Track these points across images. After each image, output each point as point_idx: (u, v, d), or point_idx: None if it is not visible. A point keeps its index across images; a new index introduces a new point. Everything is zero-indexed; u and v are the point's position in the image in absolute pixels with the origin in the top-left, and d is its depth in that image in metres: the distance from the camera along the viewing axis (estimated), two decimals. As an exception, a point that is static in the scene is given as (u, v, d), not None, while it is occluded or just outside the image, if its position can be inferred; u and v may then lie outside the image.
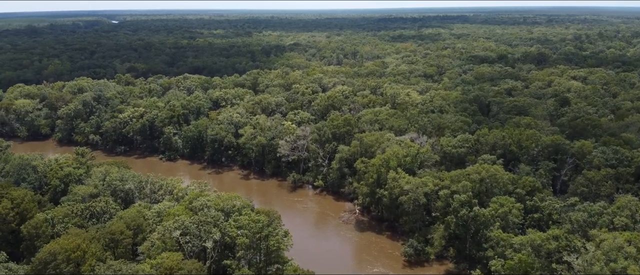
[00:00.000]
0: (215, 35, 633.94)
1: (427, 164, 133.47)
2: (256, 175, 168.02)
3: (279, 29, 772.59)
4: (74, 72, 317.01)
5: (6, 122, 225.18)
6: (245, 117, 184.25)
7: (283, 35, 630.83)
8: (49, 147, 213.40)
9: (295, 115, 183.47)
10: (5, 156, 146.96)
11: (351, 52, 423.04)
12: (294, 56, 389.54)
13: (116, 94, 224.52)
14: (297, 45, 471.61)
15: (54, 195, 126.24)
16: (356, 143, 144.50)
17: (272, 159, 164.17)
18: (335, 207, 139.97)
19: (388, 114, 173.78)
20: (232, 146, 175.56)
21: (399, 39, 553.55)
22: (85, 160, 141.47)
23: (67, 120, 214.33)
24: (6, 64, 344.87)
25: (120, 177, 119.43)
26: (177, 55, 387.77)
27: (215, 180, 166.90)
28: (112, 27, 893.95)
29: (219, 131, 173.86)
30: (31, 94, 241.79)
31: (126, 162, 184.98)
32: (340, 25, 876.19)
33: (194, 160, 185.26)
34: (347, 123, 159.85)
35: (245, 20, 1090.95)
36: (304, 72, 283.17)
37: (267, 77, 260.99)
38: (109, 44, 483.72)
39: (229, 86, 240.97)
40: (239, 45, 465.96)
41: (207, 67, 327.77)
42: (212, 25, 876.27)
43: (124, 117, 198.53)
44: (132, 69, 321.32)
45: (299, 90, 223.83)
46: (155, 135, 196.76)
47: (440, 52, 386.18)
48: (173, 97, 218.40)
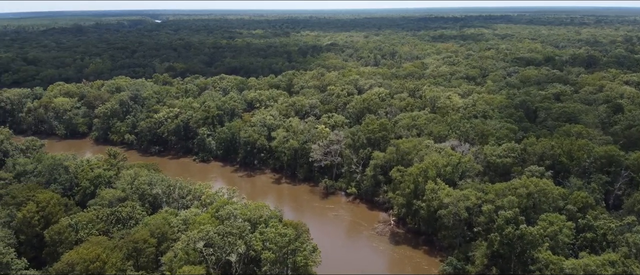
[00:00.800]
0: (254, 35, 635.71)
1: (469, 174, 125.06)
2: (288, 179, 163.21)
3: (316, 29, 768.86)
4: (114, 70, 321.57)
5: (45, 120, 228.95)
6: (278, 119, 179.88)
7: (320, 35, 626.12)
8: (86, 145, 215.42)
9: (329, 118, 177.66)
10: (38, 155, 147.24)
11: (389, 52, 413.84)
12: (330, 57, 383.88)
13: (152, 93, 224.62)
14: (334, 46, 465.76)
15: (84, 196, 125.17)
16: (392, 149, 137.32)
17: (305, 163, 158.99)
18: (369, 217, 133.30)
19: (427, 118, 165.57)
20: (265, 149, 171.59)
21: (439, 39, 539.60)
22: (116, 162, 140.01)
23: (103, 119, 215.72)
24: (49, 62, 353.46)
25: (148, 181, 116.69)
26: (216, 55, 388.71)
27: (247, 184, 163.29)
28: (154, 26, 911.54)
29: (251, 134, 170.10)
30: (70, 92, 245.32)
31: (159, 163, 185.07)
32: (378, 24, 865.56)
33: (227, 162, 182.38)
34: (383, 128, 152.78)
35: (284, 20, 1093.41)
36: (340, 73, 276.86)
37: (302, 78, 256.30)
38: (150, 43, 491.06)
39: (264, 87, 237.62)
40: (276, 45, 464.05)
41: (244, 68, 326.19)
42: (252, 25, 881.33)
43: (159, 117, 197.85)
44: (171, 68, 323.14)
45: (334, 92, 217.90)
46: (189, 136, 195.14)
47: (483, 53, 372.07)
48: (208, 98, 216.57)
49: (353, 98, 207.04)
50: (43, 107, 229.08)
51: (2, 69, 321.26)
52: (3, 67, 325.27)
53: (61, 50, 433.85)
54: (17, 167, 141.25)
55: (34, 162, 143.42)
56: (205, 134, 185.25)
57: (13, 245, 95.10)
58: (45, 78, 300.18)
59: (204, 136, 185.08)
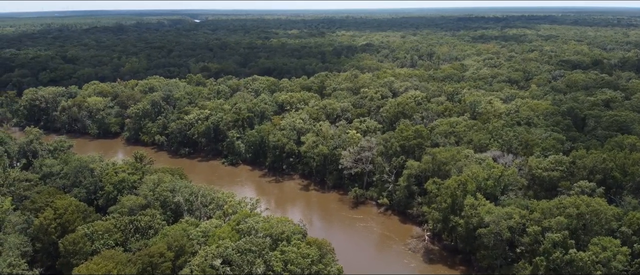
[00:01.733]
0: (289, 35, 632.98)
1: (511, 188, 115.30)
2: (316, 186, 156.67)
3: (352, 29, 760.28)
4: (149, 70, 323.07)
5: (79, 119, 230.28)
6: (308, 123, 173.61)
7: (356, 35, 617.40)
8: (117, 146, 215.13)
9: (361, 123, 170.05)
10: (65, 157, 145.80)
11: (427, 53, 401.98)
12: (365, 57, 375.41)
13: (184, 94, 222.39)
14: (370, 46, 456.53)
15: (107, 201, 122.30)
16: (428, 159, 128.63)
17: (334, 170, 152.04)
18: (401, 230, 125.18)
19: (466, 125, 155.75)
20: (294, 154, 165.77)
21: (480, 39, 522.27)
22: (141, 166, 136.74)
23: (135, 119, 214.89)
24: (87, 61, 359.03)
25: (171, 188, 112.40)
26: (250, 56, 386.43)
27: (274, 189, 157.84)
28: (193, 26, 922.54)
29: (280, 138, 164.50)
30: (104, 91, 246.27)
31: (189, 165, 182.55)
32: (416, 24, 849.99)
33: (256, 166, 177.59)
34: (418, 135, 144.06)
35: (320, 20, 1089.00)
36: (374, 74, 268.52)
37: (335, 80, 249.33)
38: (187, 42, 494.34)
39: (296, 89, 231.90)
40: (310, 45, 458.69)
41: (277, 68, 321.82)
42: (288, 25, 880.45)
43: (190, 118, 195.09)
44: (205, 68, 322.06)
45: (367, 95, 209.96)
46: (219, 139, 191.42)
47: (526, 55, 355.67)
48: (240, 99, 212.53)
49: (387, 101, 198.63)
50: (76, 106, 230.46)
51: (41, 67, 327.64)
52: (41, 65, 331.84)
53: (100, 49, 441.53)
54: (44, 168, 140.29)
55: (60, 164, 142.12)
56: (234, 136, 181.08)
57: (28, 254, 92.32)
58: (82, 77, 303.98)
59: (233, 139, 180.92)
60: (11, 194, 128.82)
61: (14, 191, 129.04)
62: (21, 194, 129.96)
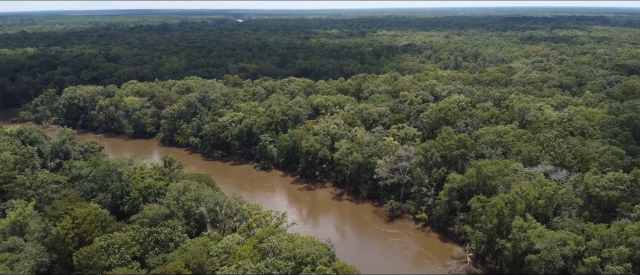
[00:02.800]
0: (329, 35, 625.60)
1: (565, 208, 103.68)
2: (350, 196, 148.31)
3: (394, 29, 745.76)
4: (189, 70, 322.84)
5: (115, 119, 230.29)
6: (342, 128, 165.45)
7: (397, 35, 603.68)
8: (152, 146, 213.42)
9: (399, 129, 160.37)
10: (95, 159, 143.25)
11: (472, 54, 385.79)
12: (406, 58, 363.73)
13: (220, 95, 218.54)
14: (411, 46, 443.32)
15: (132, 207, 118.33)
16: (472, 172, 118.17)
17: (369, 179, 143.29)
18: (441, 250, 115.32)
19: (515, 135, 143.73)
20: (327, 160, 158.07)
21: (528, 40, 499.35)
22: (169, 171, 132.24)
23: (170, 120, 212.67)
24: (129, 60, 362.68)
25: (196, 197, 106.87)
26: (288, 56, 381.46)
27: (306, 197, 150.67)
28: (235, 25, 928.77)
29: (313, 143, 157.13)
30: (141, 91, 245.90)
31: (221, 168, 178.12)
32: (461, 24, 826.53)
33: (288, 172, 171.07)
34: (462, 144, 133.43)
35: (362, 19, 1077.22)
36: (415, 77, 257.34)
37: (373, 82, 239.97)
38: (228, 42, 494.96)
39: (332, 91, 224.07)
40: (349, 46, 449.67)
41: (315, 69, 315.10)
42: (328, 25, 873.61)
43: (224, 121, 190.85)
44: (243, 69, 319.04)
45: (407, 99, 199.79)
46: (252, 142, 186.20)
47: (578, 58, 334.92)
48: (275, 102, 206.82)
49: (428, 106, 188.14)
50: (114, 106, 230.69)
51: (83, 65, 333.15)
52: (84, 63, 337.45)
53: (143, 48, 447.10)
54: (73, 170, 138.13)
55: (90, 166, 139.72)
56: (267, 140, 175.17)
57: (45, 264, 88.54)
58: (122, 75, 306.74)
59: (266, 143, 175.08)
60: (38, 196, 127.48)
61: (42, 193, 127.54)
62: (49, 196, 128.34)
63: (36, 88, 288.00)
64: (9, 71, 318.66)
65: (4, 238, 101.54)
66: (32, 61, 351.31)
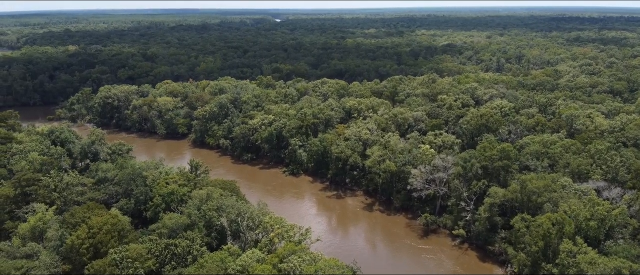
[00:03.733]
0: (366, 35, 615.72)
1: (618, 230, 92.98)
2: (382, 206, 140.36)
3: (433, 28, 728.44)
4: (223, 70, 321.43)
5: (148, 119, 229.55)
6: (375, 134, 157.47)
7: (437, 35, 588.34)
8: (183, 147, 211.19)
9: (436, 136, 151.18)
10: (121, 162, 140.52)
11: (515, 55, 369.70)
12: (445, 59, 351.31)
13: (251, 97, 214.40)
14: (451, 47, 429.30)
15: (155, 214, 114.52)
16: (516, 187, 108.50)
17: (402, 189, 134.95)
18: (478, 270, 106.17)
19: (563, 145, 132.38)
20: (358, 167, 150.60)
21: (575, 41, 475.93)
22: (194, 176, 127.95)
23: (202, 121, 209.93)
24: (165, 59, 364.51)
25: (218, 206, 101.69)
26: (323, 57, 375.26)
27: (335, 206, 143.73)
28: (273, 25, 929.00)
29: (343, 149, 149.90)
30: (175, 91, 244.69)
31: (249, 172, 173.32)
32: (503, 23, 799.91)
33: (317, 178, 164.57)
34: (505, 155, 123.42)
35: (400, 18, 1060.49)
36: (455, 79, 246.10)
37: (409, 84, 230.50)
38: (264, 42, 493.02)
39: (366, 93, 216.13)
40: (386, 46, 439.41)
41: (350, 70, 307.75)
42: (366, 24, 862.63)
43: (254, 123, 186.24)
44: (277, 70, 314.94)
45: (446, 103, 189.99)
46: (282, 145, 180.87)
47: (629, 61, 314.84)
48: (306, 104, 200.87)
49: (468, 111, 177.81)
50: (147, 106, 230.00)
51: (120, 64, 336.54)
52: (121, 62, 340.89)
53: (181, 47, 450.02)
54: (100, 173, 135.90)
55: (116, 169, 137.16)
56: (296, 145, 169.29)
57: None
58: (158, 75, 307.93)
59: (295, 147, 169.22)
60: (63, 199, 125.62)
61: (66, 196, 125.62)
62: (73, 199, 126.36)
63: (74, 86, 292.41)
64: (49, 69, 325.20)
65: (23, 243, 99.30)
66: (72, 59, 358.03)
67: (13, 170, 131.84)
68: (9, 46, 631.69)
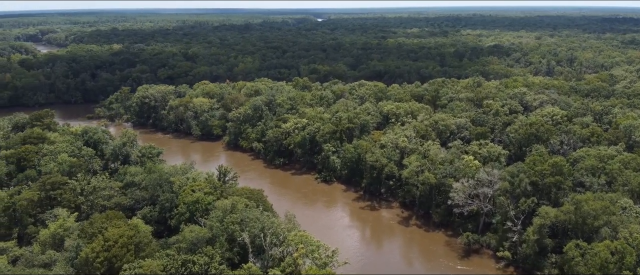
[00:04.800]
0: (408, 34, 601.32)
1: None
2: (419, 220, 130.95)
3: (479, 28, 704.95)
4: (261, 71, 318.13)
5: (184, 119, 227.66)
6: (413, 142, 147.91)
7: (483, 35, 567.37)
8: (217, 149, 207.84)
9: (480, 146, 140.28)
10: (150, 166, 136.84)
11: (566, 58, 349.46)
12: (491, 61, 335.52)
13: (286, 100, 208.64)
14: (498, 48, 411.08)
15: (179, 223, 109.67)
16: (569, 208, 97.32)
17: (442, 203, 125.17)
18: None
19: (622, 161, 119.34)
20: (394, 176, 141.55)
21: (630, 44, 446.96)
22: (221, 184, 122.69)
23: (236, 123, 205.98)
24: (205, 59, 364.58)
25: (241, 219, 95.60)
26: (362, 57, 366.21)
27: (368, 217, 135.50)
28: (314, 25, 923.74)
29: (379, 157, 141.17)
30: (211, 92, 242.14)
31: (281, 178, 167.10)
32: (553, 24, 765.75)
33: (351, 186, 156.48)
34: (557, 170, 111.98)
35: (445, 18, 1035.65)
36: (502, 83, 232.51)
37: (452, 88, 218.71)
38: (303, 42, 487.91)
39: (406, 97, 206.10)
40: (429, 46, 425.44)
41: (389, 72, 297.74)
42: (409, 24, 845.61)
43: (287, 127, 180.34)
44: (314, 71, 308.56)
45: (492, 109, 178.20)
46: (315, 151, 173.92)
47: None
48: (342, 108, 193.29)
49: (516, 119, 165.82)
50: (183, 106, 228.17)
51: (160, 63, 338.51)
52: (161, 62, 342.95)
53: (221, 47, 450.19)
54: (127, 176, 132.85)
55: (145, 172, 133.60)
56: (330, 151, 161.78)
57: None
58: (197, 75, 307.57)
59: (328, 153, 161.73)
60: (89, 203, 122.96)
61: (93, 200, 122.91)
62: (99, 204, 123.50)
63: (114, 85, 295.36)
64: (91, 67, 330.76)
65: (43, 251, 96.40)
66: (114, 58, 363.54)
67: (42, 172, 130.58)
68: (58, 44, 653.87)
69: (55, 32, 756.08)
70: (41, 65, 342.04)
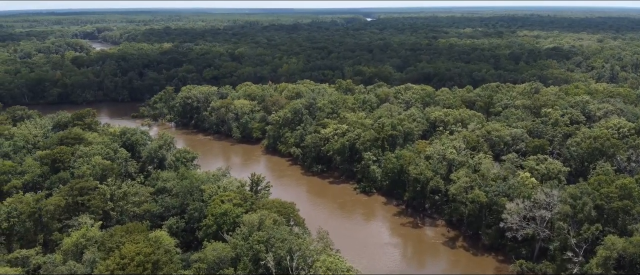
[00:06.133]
0: (461, 35, 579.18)
1: None
2: (467, 242, 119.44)
3: (537, 28, 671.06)
4: (305, 72, 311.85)
5: (225, 121, 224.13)
6: (463, 153, 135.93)
7: (541, 37, 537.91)
8: (255, 153, 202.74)
9: (538, 162, 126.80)
10: (183, 171, 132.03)
11: (632, 63, 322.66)
12: (550, 65, 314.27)
13: (327, 103, 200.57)
14: (557, 50, 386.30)
15: (206, 236, 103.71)
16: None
17: (493, 224, 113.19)
18: None
19: None
20: (440, 191, 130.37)
21: None
22: (251, 195, 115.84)
23: (276, 127, 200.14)
24: (250, 59, 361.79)
25: (268, 237, 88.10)
26: (410, 59, 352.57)
27: (410, 235, 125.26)
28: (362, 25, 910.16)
29: (423, 170, 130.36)
30: (253, 94, 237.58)
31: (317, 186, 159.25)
32: (616, 26, 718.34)
33: (392, 199, 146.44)
34: (626, 193, 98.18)
35: (500, 17, 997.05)
36: (562, 89, 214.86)
37: (507, 93, 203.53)
38: (350, 43, 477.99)
39: (456, 103, 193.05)
40: (482, 47, 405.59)
41: (439, 74, 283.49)
42: (461, 24, 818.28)
43: (326, 132, 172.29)
44: (359, 72, 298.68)
45: (551, 118, 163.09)
46: (355, 159, 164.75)
47: None
48: (385, 113, 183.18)
49: (578, 130, 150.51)
50: (224, 108, 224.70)
51: (206, 63, 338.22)
52: (208, 62, 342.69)
53: (268, 48, 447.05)
54: (159, 182, 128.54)
55: (177, 179, 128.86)
56: (370, 160, 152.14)
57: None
58: (242, 75, 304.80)
59: (369, 162, 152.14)
60: (119, 209, 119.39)
61: (123, 206, 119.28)
62: (129, 210, 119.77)
63: (160, 84, 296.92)
64: (139, 66, 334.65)
65: (64, 260, 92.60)
66: (162, 57, 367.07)
67: (74, 174, 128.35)
68: (112, 41, 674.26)
69: (111, 30, 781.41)
70: (92, 63, 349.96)
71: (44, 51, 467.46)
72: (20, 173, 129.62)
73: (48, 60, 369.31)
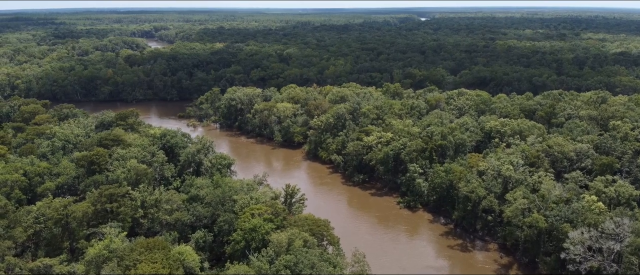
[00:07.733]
0: (520, 36, 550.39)
1: None
2: (522, 270, 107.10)
3: (602, 31, 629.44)
4: (352, 74, 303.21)
5: (268, 124, 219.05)
6: (520, 170, 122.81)
7: (607, 40, 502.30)
8: (296, 158, 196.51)
9: (607, 184, 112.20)
10: (217, 179, 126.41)
11: None
12: (618, 71, 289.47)
13: (372, 108, 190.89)
14: (625, 56, 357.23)
15: (234, 251, 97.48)
16: None
17: (552, 251, 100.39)
18: None
19: None
20: (493, 211, 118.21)
21: None
22: (284, 209, 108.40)
23: (317, 132, 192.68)
24: (298, 61, 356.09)
25: (295, 262, 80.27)
26: (465, 61, 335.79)
27: (458, 259, 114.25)
28: (416, 25, 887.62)
29: (475, 187, 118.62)
30: (296, 97, 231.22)
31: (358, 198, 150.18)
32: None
33: (439, 216, 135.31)
34: None
35: (562, 19, 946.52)
36: (631, 99, 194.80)
37: (570, 103, 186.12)
38: (401, 44, 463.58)
39: (514, 111, 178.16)
40: (543, 51, 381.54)
41: (495, 79, 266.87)
42: (521, 25, 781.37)
43: (369, 140, 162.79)
44: (409, 75, 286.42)
45: (621, 132, 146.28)
46: (399, 170, 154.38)
47: None
48: (435, 120, 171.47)
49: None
50: (267, 111, 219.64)
51: (254, 64, 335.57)
52: (255, 63, 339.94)
53: (317, 49, 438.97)
54: (193, 189, 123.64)
55: (210, 186, 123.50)
56: (416, 172, 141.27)
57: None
58: (288, 77, 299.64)
59: (414, 175, 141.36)
60: (150, 217, 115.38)
61: (154, 214, 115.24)
62: (160, 218, 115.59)
63: (208, 84, 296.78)
64: (188, 66, 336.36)
65: (87, 271, 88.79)
66: (212, 57, 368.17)
67: (109, 177, 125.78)
68: (168, 40, 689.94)
69: (167, 29, 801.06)
70: (144, 62, 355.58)
71: (101, 49, 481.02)
72: (55, 174, 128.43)
73: (103, 58, 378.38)
